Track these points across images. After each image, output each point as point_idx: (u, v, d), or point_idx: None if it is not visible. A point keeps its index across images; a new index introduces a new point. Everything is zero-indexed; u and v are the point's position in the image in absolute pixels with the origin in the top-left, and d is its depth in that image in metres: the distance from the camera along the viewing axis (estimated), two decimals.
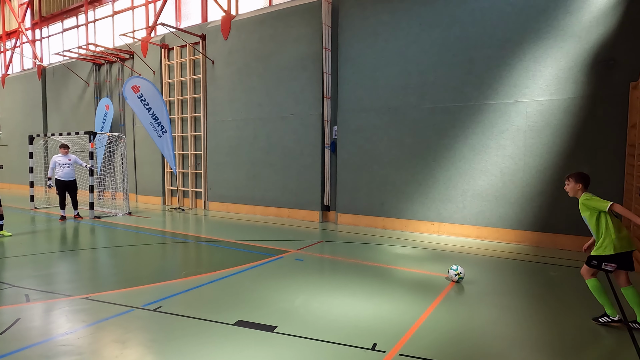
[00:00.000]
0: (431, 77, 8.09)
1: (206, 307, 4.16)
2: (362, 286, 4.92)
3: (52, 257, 6.42)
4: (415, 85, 8.27)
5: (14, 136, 18.37)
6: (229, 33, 11.05)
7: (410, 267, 5.85)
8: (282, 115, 10.20)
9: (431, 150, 8.14)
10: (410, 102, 8.35)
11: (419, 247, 7.08)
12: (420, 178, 8.28)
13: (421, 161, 8.25)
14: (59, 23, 17.05)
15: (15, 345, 3.32)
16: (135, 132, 13.58)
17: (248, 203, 11.00)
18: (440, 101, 8.02)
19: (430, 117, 8.13)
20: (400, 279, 5.32)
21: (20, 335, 3.49)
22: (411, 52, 8.28)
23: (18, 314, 3.96)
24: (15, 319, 3.81)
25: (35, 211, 11.52)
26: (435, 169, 8.11)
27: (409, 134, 8.38)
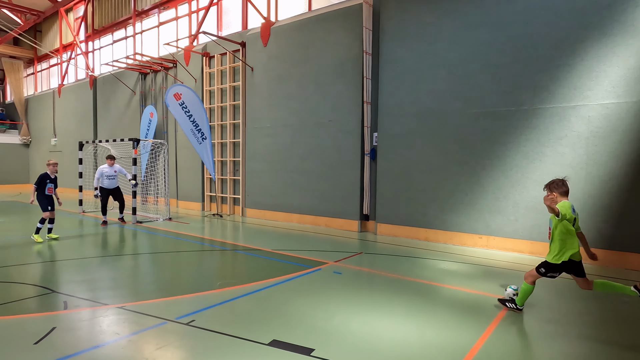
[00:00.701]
0: (478, 80, 7.59)
1: (240, 323, 3.96)
2: (406, 305, 4.55)
3: (93, 263, 6.51)
4: (460, 89, 7.80)
5: (67, 142, 19.42)
6: (268, 40, 11.04)
7: (458, 284, 5.39)
8: (320, 121, 10.00)
9: (478, 157, 7.61)
10: (454, 107, 7.87)
11: (465, 262, 6.58)
12: (466, 187, 7.76)
13: (467, 169, 7.74)
14: (109, 35, 17.90)
15: (46, 356, 3.25)
16: (177, 139, 13.89)
17: (284, 210, 10.86)
18: (488, 105, 7.50)
19: (477, 122, 7.61)
20: (447, 298, 4.89)
21: (52, 346, 3.44)
22: (456, 54, 7.82)
23: (55, 322, 3.94)
24: (52, 328, 3.78)
25: (83, 215, 11.98)
26: (483, 178, 7.57)
27: (454, 141, 7.89)
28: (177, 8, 14.49)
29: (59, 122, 20.60)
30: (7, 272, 5.87)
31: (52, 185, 7.96)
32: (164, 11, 15.10)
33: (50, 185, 7.91)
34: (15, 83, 23.54)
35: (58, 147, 20.64)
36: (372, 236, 8.84)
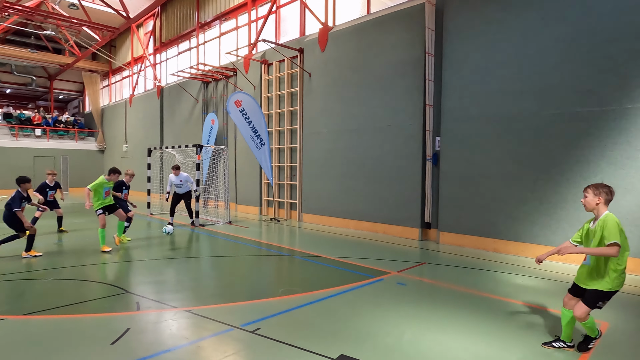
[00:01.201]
0: (555, 79, 6.96)
1: (306, 334, 3.85)
2: (481, 323, 4.19)
3: (160, 264, 6.78)
4: (534, 88, 7.21)
5: (137, 149, 20.79)
6: (326, 45, 11.02)
7: (537, 302, 4.91)
8: (379, 125, 9.76)
9: (555, 163, 6.97)
10: (527, 108, 7.29)
11: (542, 278, 6.01)
12: (542, 195, 7.13)
13: (543, 176, 7.11)
14: (175, 47, 18.94)
15: (122, 357, 3.34)
16: (236, 145, 14.30)
17: (341, 216, 10.72)
18: (567, 106, 6.85)
19: (554, 124, 6.98)
20: (526, 317, 4.45)
21: (128, 347, 3.54)
22: (529, 51, 7.25)
23: (129, 323, 4.08)
24: (126, 328, 3.92)
25: (151, 217, 12.67)
26: (561, 185, 6.91)
27: (527, 144, 7.30)
28: (238, 18, 14.98)
29: (129, 129, 22.13)
30: (86, 271, 6.27)
31: (127, 192, 8.85)
32: (225, 22, 15.68)
33: (126, 191, 8.78)
34: (93, 95, 25.72)
35: (129, 153, 22.16)
36: (435, 245, 8.43)
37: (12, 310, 4.44)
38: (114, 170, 7.67)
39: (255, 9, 13.96)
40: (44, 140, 23.90)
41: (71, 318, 4.25)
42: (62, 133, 25.04)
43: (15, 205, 6.64)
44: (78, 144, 25.05)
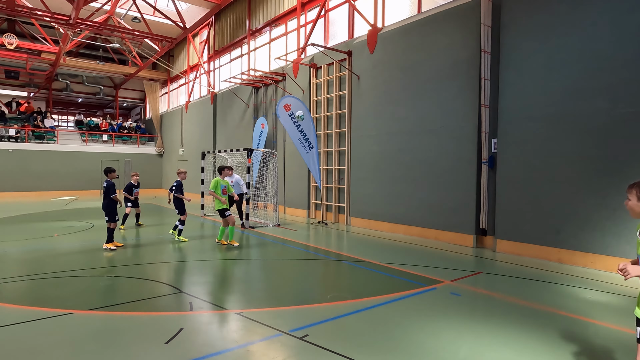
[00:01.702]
0: (630, 74, 6.31)
1: (355, 344, 3.74)
2: (547, 342, 3.84)
3: (212, 265, 6.97)
4: (604, 85, 6.58)
5: (192, 153, 21.76)
6: (375, 46, 10.85)
7: (614, 322, 4.43)
8: (430, 128, 9.42)
9: (632, 167, 6.30)
10: (597, 107, 6.67)
11: (617, 294, 5.44)
12: (615, 202, 6.47)
13: (616, 180, 6.46)
14: (227, 55, 19.63)
15: (176, 358, 3.43)
16: (285, 148, 14.50)
17: (390, 221, 10.47)
18: None
19: (629, 124, 6.32)
20: (603, 339, 4.02)
21: (180, 347, 3.63)
22: (599, 45, 6.64)
23: (182, 323, 4.20)
24: (180, 328, 4.03)
25: (204, 218, 13.15)
26: None
27: (596, 146, 6.68)
28: (287, 24, 15.21)
29: (185, 134, 23.24)
30: (144, 269, 6.59)
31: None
32: (275, 28, 15.99)
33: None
34: (153, 102, 27.35)
35: (184, 156, 23.27)
36: (491, 253, 7.96)
37: (78, 305, 4.74)
38: (224, 167, 8.70)
39: (304, 14, 14.09)
40: (110, 145, 25.74)
41: (130, 315, 4.45)
42: (125, 138, 26.84)
43: (112, 191, 7.71)
44: (139, 148, 26.71)
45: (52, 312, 4.47)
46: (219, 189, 8.43)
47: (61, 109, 32.06)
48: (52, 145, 23.59)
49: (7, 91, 27.06)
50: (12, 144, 22.21)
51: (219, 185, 8.44)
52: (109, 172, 7.92)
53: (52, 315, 4.40)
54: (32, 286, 5.67)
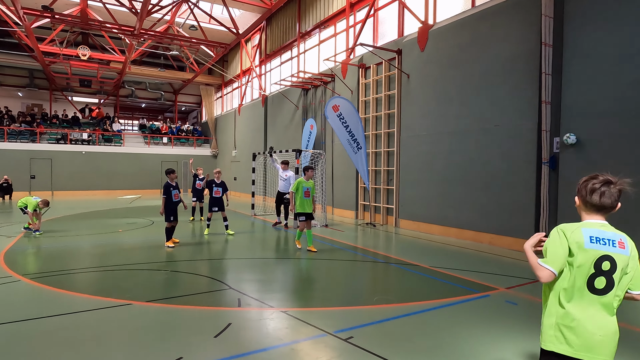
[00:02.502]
0: None
1: (401, 349, 3.64)
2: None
3: (260, 264, 7.14)
4: None
5: (244, 154, 22.48)
6: (426, 44, 10.55)
7: None
8: (484, 127, 8.98)
9: None
10: None
11: None
12: None
13: None
14: (278, 58, 20.06)
15: (224, 351, 3.53)
16: (333, 149, 14.52)
17: (441, 223, 10.11)
18: None
19: None
20: None
21: (228, 342, 3.74)
22: None
23: (231, 318, 4.33)
24: (228, 323, 4.15)
25: (255, 217, 13.52)
26: None
27: None
28: (336, 25, 15.24)
29: (238, 136, 24.07)
30: (198, 265, 6.89)
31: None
32: (324, 30, 16.09)
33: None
34: (208, 106, 28.64)
35: (237, 157, 24.09)
36: None
37: (137, 296, 5.05)
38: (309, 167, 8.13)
39: (353, 14, 14.04)
40: (169, 147, 27.30)
41: (183, 308, 4.67)
42: (183, 140, 28.33)
43: (164, 192, 8.05)
44: (196, 150, 28.07)
45: (114, 302, 4.80)
46: (301, 191, 7.84)
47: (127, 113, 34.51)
48: (118, 147, 25.48)
49: (81, 98, 29.64)
50: (85, 147, 24.27)
51: (301, 186, 7.85)
52: (168, 174, 8.22)
53: (114, 305, 4.73)
54: (98, 277, 6.14)
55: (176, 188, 8.21)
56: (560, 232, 1.99)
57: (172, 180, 8.13)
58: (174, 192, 8.09)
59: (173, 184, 8.13)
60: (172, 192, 8.05)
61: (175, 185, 8.18)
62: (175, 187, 8.18)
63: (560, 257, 1.95)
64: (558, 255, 1.95)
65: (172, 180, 8.14)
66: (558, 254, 1.95)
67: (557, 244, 1.97)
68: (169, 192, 8.03)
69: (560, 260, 1.95)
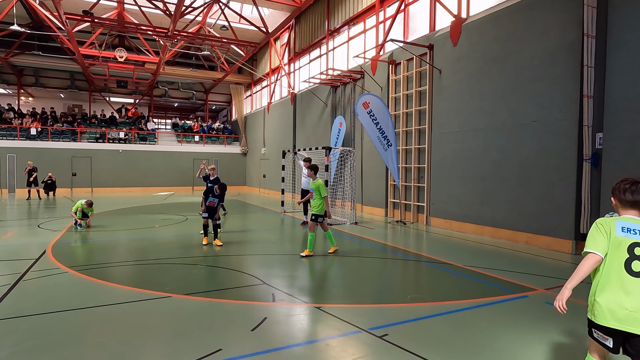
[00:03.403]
0: None
1: (436, 347, 3.60)
2: None
3: (292, 260, 7.21)
4: None
5: (274, 151, 22.74)
6: (459, 38, 10.31)
7: None
8: (521, 122, 8.70)
9: None
10: None
11: None
12: None
13: None
14: (307, 56, 20.13)
15: (260, 344, 3.61)
16: (363, 146, 14.46)
17: (475, 222, 9.88)
18: None
19: None
20: None
21: (264, 335, 3.82)
22: None
23: (266, 313, 4.42)
24: (264, 318, 4.24)
25: (284, 214, 13.67)
26: None
27: None
28: (365, 21, 15.14)
29: (267, 134, 24.36)
30: (234, 260, 7.05)
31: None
32: (353, 26, 16.00)
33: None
34: (238, 104, 29.12)
35: (266, 155, 24.40)
36: None
37: (176, 290, 5.22)
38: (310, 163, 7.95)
39: (383, 10, 13.90)
40: (201, 145, 27.98)
41: (220, 302, 4.79)
42: (214, 139, 28.96)
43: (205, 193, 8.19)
44: (226, 147, 28.63)
45: (154, 295, 4.99)
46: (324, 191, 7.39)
47: (160, 113, 35.64)
48: (153, 145, 26.34)
49: (118, 99, 30.85)
50: (122, 145, 25.25)
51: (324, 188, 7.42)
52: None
53: (154, 297, 4.92)
54: (137, 270, 6.40)
55: (214, 183, 8.44)
56: (596, 224, 2.42)
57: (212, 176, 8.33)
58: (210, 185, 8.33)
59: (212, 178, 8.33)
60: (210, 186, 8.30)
61: (212, 181, 8.42)
62: (213, 182, 8.42)
63: (600, 242, 2.35)
64: (598, 240, 2.36)
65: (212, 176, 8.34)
66: (598, 240, 2.36)
67: (595, 233, 2.39)
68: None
69: (601, 244, 2.34)
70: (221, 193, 8.27)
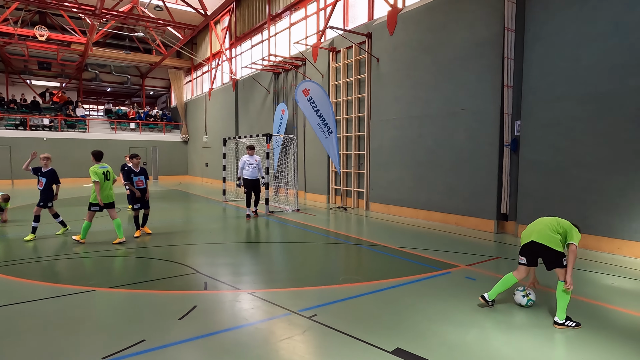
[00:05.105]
0: None
1: (362, 324, 3.75)
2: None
3: (230, 248, 7.12)
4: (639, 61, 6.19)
5: (216, 139, 22.09)
6: (395, 28, 10.58)
7: (635, 309, 4.25)
8: (452, 110, 9.17)
9: None
10: (630, 84, 6.29)
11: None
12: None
13: None
14: (248, 41, 19.64)
15: (187, 332, 3.54)
16: (305, 134, 14.49)
17: (411, 206, 10.34)
18: None
19: None
20: (621, 325, 3.87)
21: (192, 324, 3.75)
22: (635, 16, 6.22)
23: (196, 301, 4.33)
24: (193, 306, 4.15)
25: (226, 203, 13.40)
26: None
27: (630, 127, 6.32)
28: (307, 7, 15.02)
29: (209, 121, 23.59)
30: (165, 251, 6.80)
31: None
32: (295, 12, 15.83)
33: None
34: (177, 90, 27.82)
35: (208, 143, 23.66)
36: (512, 239, 7.76)
37: (101, 283, 4.95)
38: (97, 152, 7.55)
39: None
40: (137, 132, 26.46)
41: (147, 293, 4.62)
42: (152, 126, 27.50)
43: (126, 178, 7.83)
44: (165, 135, 27.34)
45: (77, 289, 4.70)
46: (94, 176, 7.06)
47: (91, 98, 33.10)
48: (83, 133, 24.48)
49: (41, 82, 28.16)
50: (47, 133, 23.19)
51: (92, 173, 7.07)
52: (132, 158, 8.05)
53: (76, 292, 4.63)
54: (61, 265, 5.97)
55: (141, 174, 8.04)
56: None
57: (135, 166, 7.96)
58: (136, 178, 7.93)
59: (137, 170, 7.96)
60: (134, 178, 7.91)
61: (139, 172, 8.01)
62: (140, 173, 8.01)
63: None
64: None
65: (136, 166, 7.98)
66: None
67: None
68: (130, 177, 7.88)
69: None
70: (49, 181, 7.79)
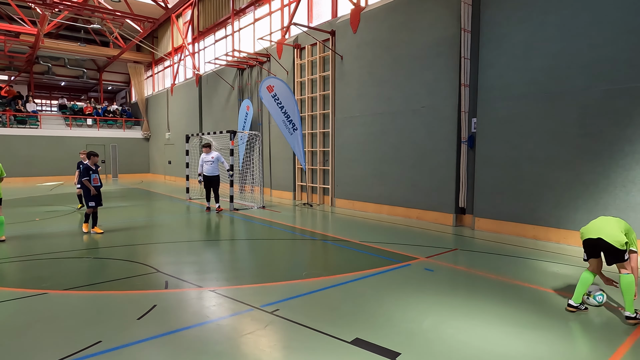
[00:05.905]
0: (610, 52, 6.34)
1: (323, 316, 3.83)
2: (510, 313, 3.98)
3: (193, 246, 7.01)
4: (584, 63, 6.62)
5: (179, 136, 21.53)
6: (358, 26, 10.73)
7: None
8: (413, 108, 9.44)
9: (605, 144, 6.41)
10: (576, 85, 6.72)
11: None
12: (588, 179, 6.61)
13: (591, 158, 6.57)
14: (212, 35, 19.26)
15: (144, 332, 3.48)
16: (270, 130, 14.42)
17: (375, 201, 10.56)
18: (622, 81, 6.24)
19: (606, 102, 6.40)
20: (561, 308, 4.16)
21: (151, 323, 3.69)
22: (580, 22, 6.64)
23: (156, 300, 4.25)
24: (153, 305, 4.08)
25: (190, 201, 13.14)
26: (611, 168, 6.36)
27: (574, 124, 6.76)
28: (271, 3, 14.92)
29: (171, 117, 22.95)
30: (123, 250, 6.60)
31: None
32: (259, 7, 15.68)
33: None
34: (138, 85, 26.85)
35: (171, 140, 23.02)
36: (469, 231, 8.11)
37: (54, 285, 4.76)
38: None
39: None
40: (95, 129, 25.34)
41: (105, 294, 4.49)
42: (111, 122, 26.41)
43: (85, 174, 7.66)
44: (125, 132, 26.35)
45: (28, 293, 4.49)
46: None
47: (44, 92, 31.37)
48: (35, 130, 23.16)
49: None
50: None
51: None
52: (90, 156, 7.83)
53: (27, 295, 4.42)
54: (10, 269, 5.66)
55: (96, 172, 7.81)
56: None
57: (92, 164, 7.72)
58: (94, 175, 7.70)
59: (93, 167, 7.73)
60: (92, 175, 7.68)
61: (95, 169, 7.78)
62: (96, 171, 7.79)
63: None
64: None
65: (93, 164, 7.73)
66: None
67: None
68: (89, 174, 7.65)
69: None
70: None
